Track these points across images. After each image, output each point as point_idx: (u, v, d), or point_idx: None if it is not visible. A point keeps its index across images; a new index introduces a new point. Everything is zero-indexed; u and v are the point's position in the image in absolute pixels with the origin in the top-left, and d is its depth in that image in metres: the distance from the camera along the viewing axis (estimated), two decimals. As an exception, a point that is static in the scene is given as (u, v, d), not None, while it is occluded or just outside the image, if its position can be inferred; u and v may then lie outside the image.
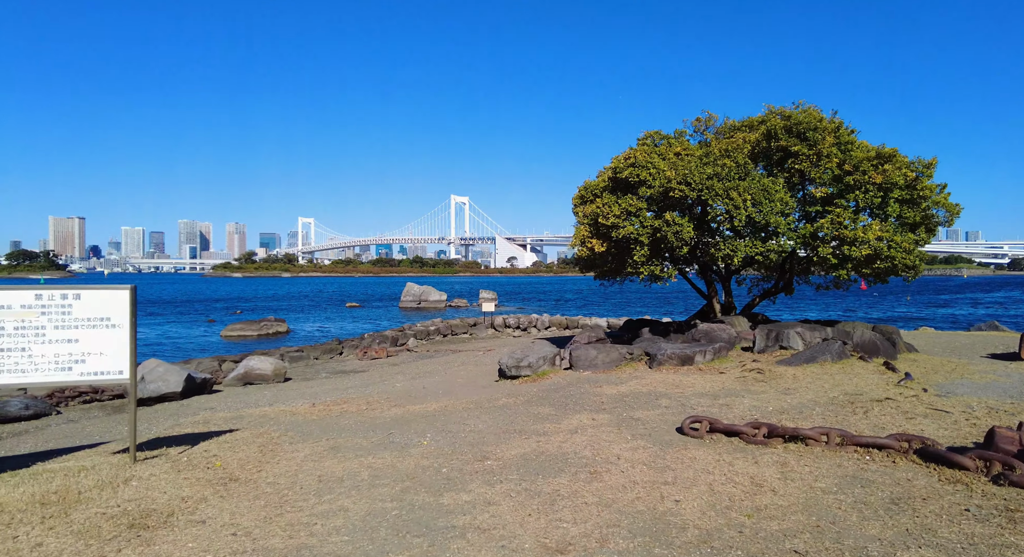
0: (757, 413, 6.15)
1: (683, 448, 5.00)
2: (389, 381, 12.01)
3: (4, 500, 3.84)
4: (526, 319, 25.60)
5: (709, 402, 6.79)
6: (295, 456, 5.38)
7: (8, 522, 3.53)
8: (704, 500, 3.82)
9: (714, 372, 8.79)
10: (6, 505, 3.75)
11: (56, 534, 3.40)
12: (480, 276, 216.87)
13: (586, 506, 3.85)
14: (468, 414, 6.93)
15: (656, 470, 4.47)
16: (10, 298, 4.42)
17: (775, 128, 11.11)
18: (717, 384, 7.83)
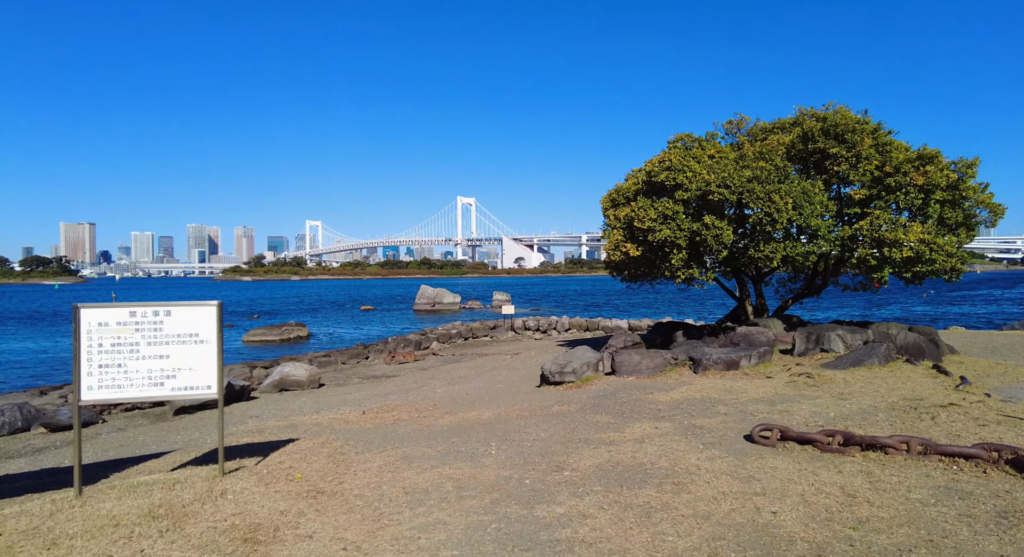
0: (820, 420, 6.17)
1: (760, 457, 5.03)
2: (426, 387, 12.08)
3: (117, 513, 3.92)
4: (546, 321, 25.63)
5: (767, 409, 6.81)
6: (369, 467, 5.44)
7: (128, 535, 3.61)
8: (801, 511, 3.86)
9: (761, 377, 8.81)
10: (121, 518, 3.83)
11: (179, 548, 3.48)
12: (488, 277, 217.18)
13: (684, 519, 3.89)
14: (525, 422, 6.97)
15: (741, 480, 4.50)
16: (108, 315, 4.51)
17: (811, 130, 11.12)
18: (769, 389, 7.85)
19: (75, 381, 4.53)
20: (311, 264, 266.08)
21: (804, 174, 11.56)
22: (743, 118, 13.08)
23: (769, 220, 10.24)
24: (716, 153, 11.76)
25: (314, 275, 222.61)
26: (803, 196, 10.30)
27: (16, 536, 3.64)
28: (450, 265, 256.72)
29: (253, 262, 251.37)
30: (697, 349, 9.74)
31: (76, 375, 4.51)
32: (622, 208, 11.85)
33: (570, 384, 9.26)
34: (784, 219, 10.10)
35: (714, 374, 9.07)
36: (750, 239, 11.17)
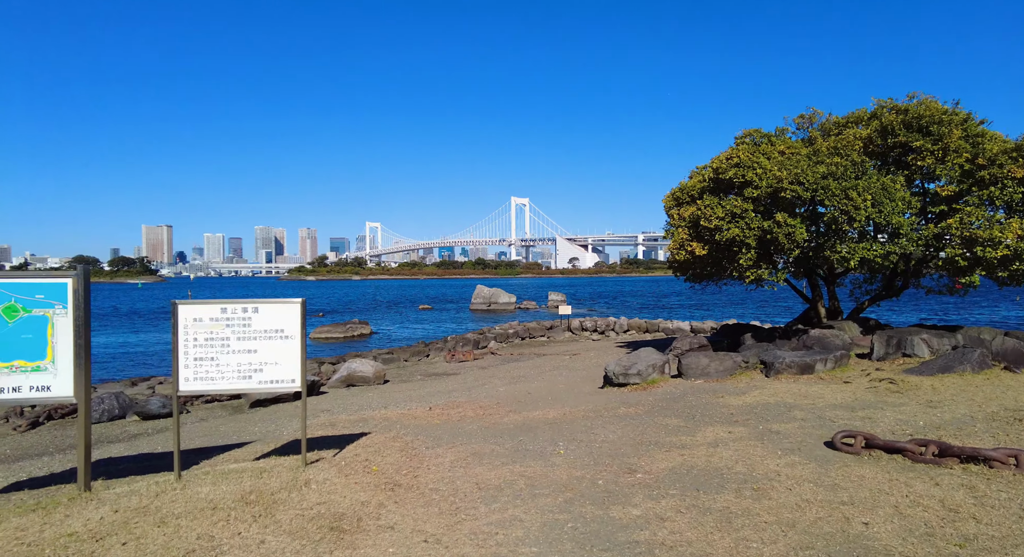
0: (908, 428, 5.83)
1: (844, 465, 4.81)
2: (488, 385, 12.21)
3: (214, 497, 4.17)
4: (603, 322, 25.37)
5: (847, 415, 6.50)
6: (441, 462, 5.55)
7: (226, 518, 3.84)
8: (897, 524, 3.66)
9: (837, 382, 8.42)
10: (218, 502, 4.08)
11: (272, 533, 3.66)
12: (541, 277, 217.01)
13: (767, 525, 3.77)
14: (592, 423, 6.93)
15: (826, 488, 4.32)
16: (202, 312, 4.80)
17: (892, 123, 10.53)
18: (847, 395, 7.48)
19: (174, 373, 4.84)
20: (371, 264, 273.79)
21: (883, 170, 10.95)
22: (815, 112, 12.53)
23: (846, 218, 9.77)
24: (787, 149, 11.32)
25: (374, 275, 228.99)
26: (883, 193, 9.77)
27: (129, 513, 3.93)
28: (504, 265, 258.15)
29: (316, 262, 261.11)
30: (768, 352, 9.40)
31: (175, 367, 4.83)
32: (687, 207, 11.59)
33: (635, 386, 9.13)
34: (862, 217, 9.61)
35: (787, 378, 8.73)
36: (824, 238, 10.68)
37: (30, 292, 4.52)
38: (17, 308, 4.44)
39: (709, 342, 12.35)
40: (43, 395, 4.60)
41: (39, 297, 4.54)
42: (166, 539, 3.59)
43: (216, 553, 3.42)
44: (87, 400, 4.66)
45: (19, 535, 3.63)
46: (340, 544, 3.58)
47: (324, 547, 3.53)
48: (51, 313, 4.54)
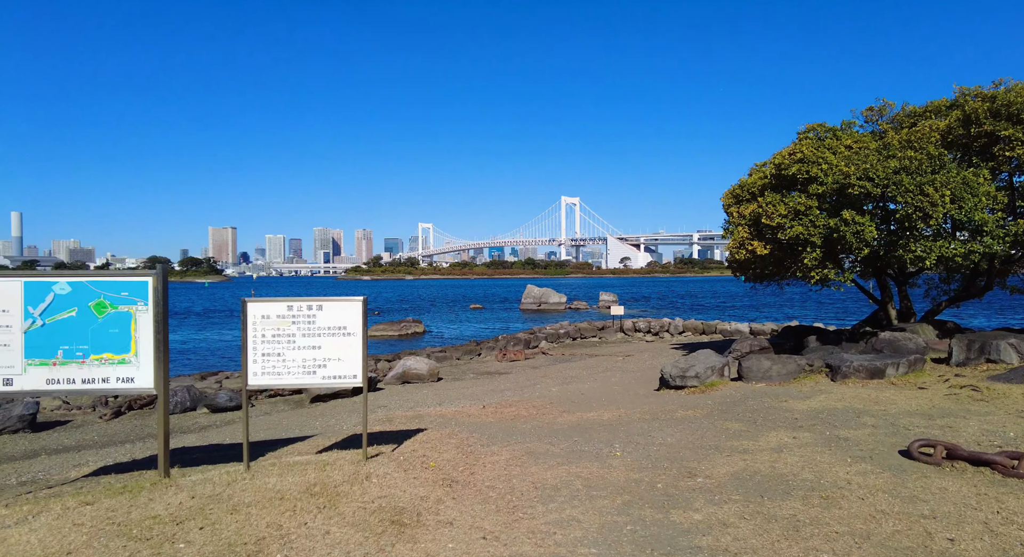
0: (995, 439, 5.44)
1: (923, 476, 4.53)
2: (540, 385, 12.20)
3: (280, 488, 4.34)
4: (657, 323, 24.90)
5: (924, 423, 6.13)
6: (497, 460, 5.57)
7: (293, 509, 3.99)
8: (988, 543, 3.42)
9: (911, 387, 7.95)
10: (285, 493, 4.24)
11: (336, 524, 3.78)
12: (592, 277, 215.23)
13: (838, 536, 3.60)
14: (648, 426, 6.81)
15: (903, 500, 4.08)
16: (269, 309, 5.01)
17: (976, 112, 9.85)
18: (924, 402, 7.06)
19: (243, 368, 5.07)
20: (423, 264, 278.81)
21: (965, 162, 10.27)
22: (886, 104, 11.88)
23: (920, 215, 9.21)
24: (854, 143, 10.78)
25: (426, 275, 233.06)
26: (964, 187, 9.15)
27: (205, 499, 4.14)
28: (554, 265, 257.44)
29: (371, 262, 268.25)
30: (834, 355, 8.98)
31: (244, 362, 5.05)
32: (747, 204, 11.22)
33: (693, 389, 8.91)
34: (939, 214, 9.04)
35: (855, 382, 8.32)
36: (896, 236, 10.11)
37: (116, 290, 4.83)
38: (106, 304, 4.75)
39: (770, 344, 11.92)
40: (127, 386, 4.90)
41: (124, 294, 4.84)
42: (239, 526, 3.76)
43: (284, 542, 3.55)
44: (166, 392, 4.94)
45: (110, 515, 3.88)
46: (401, 538, 3.65)
47: (386, 540, 3.61)
48: (134, 309, 4.84)
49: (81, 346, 4.79)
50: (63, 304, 4.77)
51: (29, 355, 4.70)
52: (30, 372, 4.71)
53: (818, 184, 9.96)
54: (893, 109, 11.89)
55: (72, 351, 4.77)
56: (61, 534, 3.61)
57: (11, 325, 4.67)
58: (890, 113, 12.04)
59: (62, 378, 4.77)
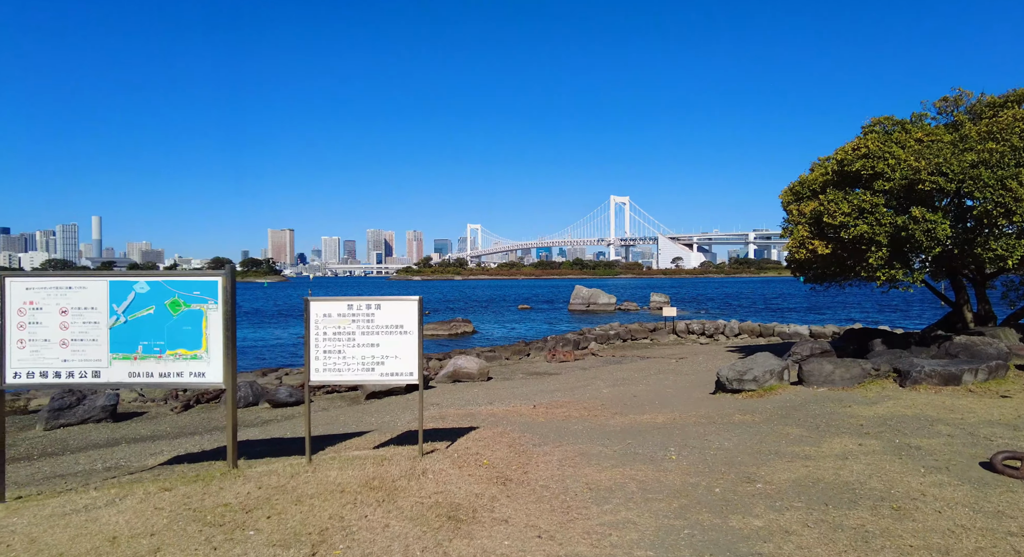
0: (1087, 452, 5.05)
1: (1008, 490, 4.26)
2: (591, 386, 12.12)
3: (341, 481, 4.50)
4: (712, 325, 24.29)
5: (1008, 434, 5.75)
6: (549, 460, 5.58)
7: (353, 501, 4.12)
8: (1080, 561, 3.19)
9: (992, 395, 7.48)
10: (345, 486, 4.39)
11: (395, 518, 3.88)
12: (642, 278, 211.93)
13: (913, 549, 3.43)
14: (704, 430, 6.67)
15: (986, 515, 3.85)
16: (331, 308, 5.19)
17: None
18: (1007, 411, 6.62)
19: (306, 364, 5.27)
20: (471, 265, 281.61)
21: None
22: (963, 93, 11.19)
23: (1002, 212, 8.64)
24: (925, 136, 10.21)
25: (474, 275, 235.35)
26: (1051, 181, 8.53)
27: (271, 490, 4.33)
28: (603, 265, 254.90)
29: (421, 263, 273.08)
30: (903, 360, 8.54)
31: (307, 359, 5.25)
32: (807, 202, 10.82)
33: (750, 393, 8.66)
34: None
35: (927, 389, 7.88)
36: (974, 234, 9.51)
37: (189, 289, 5.11)
38: (180, 303, 5.04)
39: (832, 348, 11.43)
40: (198, 380, 5.17)
41: (196, 293, 5.11)
42: (303, 516, 3.91)
43: (347, 533, 3.68)
44: (234, 386, 5.19)
45: (186, 501, 4.12)
46: (458, 533, 3.72)
47: (443, 535, 3.68)
48: (205, 308, 5.11)
49: (158, 342, 5.10)
50: (143, 302, 5.09)
51: (114, 349, 5.04)
52: (115, 365, 5.04)
53: (884, 180, 9.50)
54: (970, 99, 11.19)
55: (151, 346, 5.08)
56: (144, 517, 3.86)
57: (99, 321, 5.01)
58: (967, 103, 11.33)
59: (142, 372, 5.09)
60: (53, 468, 7.17)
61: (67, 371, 5.01)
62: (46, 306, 4.99)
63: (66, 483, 5.52)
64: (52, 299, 5.01)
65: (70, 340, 5.01)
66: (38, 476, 6.56)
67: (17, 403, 12.76)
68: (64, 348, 5.00)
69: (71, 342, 5.01)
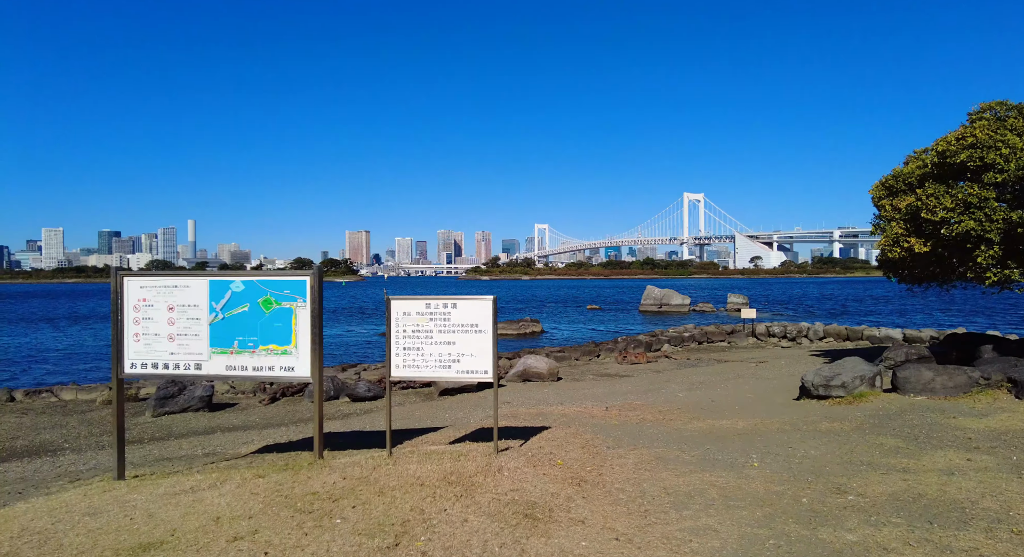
0: None
1: None
2: (665, 390, 11.84)
3: (420, 474, 4.64)
4: (794, 328, 23.09)
5: None
6: (624, 463, 5.50)
7: (433, 495, 4.24)
8: None
9: None
10: (424, 479, 4.53)
11: (473, 513, 3.96)
12: (718, 278, 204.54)
13: (1034, 577, 3.12)
14: (789, 437, 6.36)
15: (1122, 543, 3.45)
16: (410, 306, 5.36)
17: None
18: None
19: (387, 360, 5.46)
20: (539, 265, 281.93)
21: None
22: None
23: None
24: (1045, 122, 9.25)
25: (541, 275, 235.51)
26: None
27: (355, 481, 4.53)
28: (675, 265, 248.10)
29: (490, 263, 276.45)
30: (1019, 368, 7.78)
31: (388, 355, 5.44)
32: (903, 196, 10.07)
33: (838, 399, 8.17)
34: None
35: (1047, 401, 7.14)
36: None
37: (280, 288, 5.42)
38: (272, 301, 5.35)
39: (932, 353, 10.58)
40: (288, 374, 5.48)
41: (286, 292, 5.42)
42: (385, 507, 4.06)
43: (427, 525, 3.78)
44: (320, 381, 5.46)
45: (278, 488, 4.38)
46: (535, 531, 3.73)
47: (521, 532, 3.71)
48: (295, 306, 5.40)
49: (252, 337, 5.44)
50: (238, 300, 5.45)
51: (213, 344, 5.43)
52: (214, 359, 5.43)
53: (996, 172, 8.69)
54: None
55: (245, 342, 5.43)
56: (242, 500, 4.14)
57: (200, 318, 5.42)
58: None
59: (238, 365, 5.45)
60: (160, 452, 7.81)
61: (174, 363, 5.44)
62: (156, 303, 5.45)
63: (172, 466, 6.00)
64: (161, 297, 5.46)
65: (176, 335, 5.44)
66: (149, 458, 7.17)
67: (129, 392, 14.00)
68: (171, 342, 5.43)
69: (177, 336, 5.44)
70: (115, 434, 5.17)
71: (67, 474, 6.58)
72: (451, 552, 3.45)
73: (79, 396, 14.14)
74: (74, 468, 7.13)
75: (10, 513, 4.30)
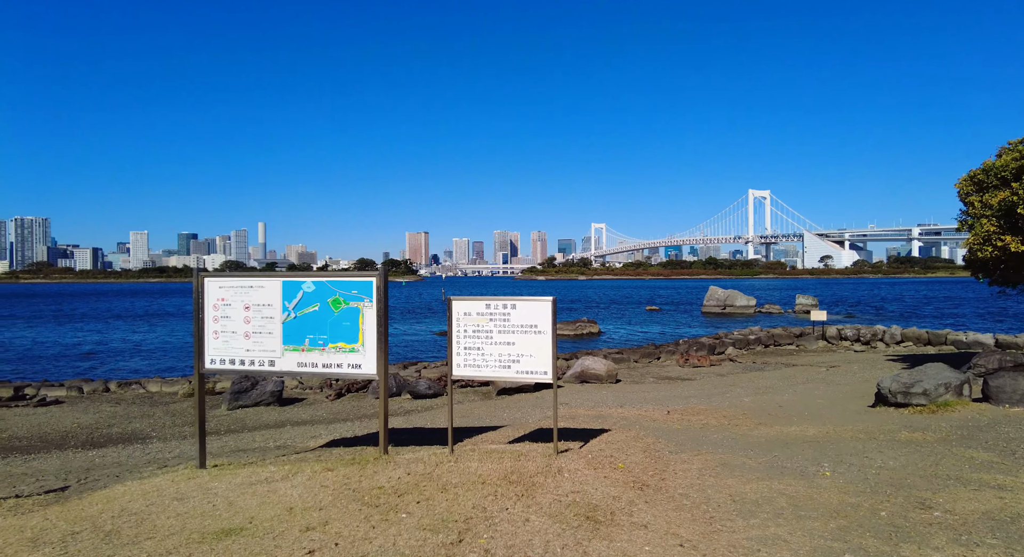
0: None
1: None
2: (730, 394, 11.48)
3: (481, 473, 4.70)
4: (868, 331, 21.87)
5: None
6: (688, 468, 5.38)
7: (494, 493, 4.29)
8: None
9: None
10: (486, 478, 4.59)
11: (535, 513, 3.98)
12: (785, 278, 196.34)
13: None
14: (864, 446, 6.03)
15: None
16: (470, 307, 5.45)
17: None
18: None
19: (448, 360, 5.56)
20: (595, 265, 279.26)
21: None
22: None
23: None
24: None
25: (598, 275, 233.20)
26: None
27: (418, 477, 4.64)
28: (739, 265, 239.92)
29: (546, 263, 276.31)
30: None
31: (449, 355, 5.54)
32: (994, 192, 9.36)
33: (919, 408, 7.68)
34: None
35: None
36: None
37: (348, 288, 5.62)
38: (341, 301, 5.56)
39: (1027, 360, 9.76)
40: (355, 371, 5.67)
41: (354, 292, 5.61)
42: (448, 504, 4.14)
43: (489, 523, 3.83)
44: (385, 378, 5.62)
45: (346, 481, 4.55)
46: (597, 534, 3.71)
47: (582, 534, 3.70)
48: (362, 305, 5.58)
49: (322, 336, 5.66)
50: (309, 300, 5.69)
51: (285, 342, 5.69)
52: (286, 356, 5.69)
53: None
54: None
55: (315, 340, 5.66)
56: (313, 492, 4.33)
57: (273, 317, 5.69)
58: None
59: (308, 362, 5.69)
60: (236, 443, 8.26)
61: (249, 359, 5.74)
62: (234, 302, 5.76)
63: (248, 457, 6.34)
64: (238, 296, 5.77)
65: (252, 333, 5.74)
66: (226, 449, 7.60)
67: (207, 386, 14.89)
68: (247, 339, 5.73)
69: (252, 334, 5.73)
70: (197, 426, 5.51)
71: (155, 460, 7.08)
72: (513, 551, 3.48)
73: (163, 389, 15.16)
74: (161, 456, 7.66)
75: (111, 494, 4.67)
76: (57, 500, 4.77)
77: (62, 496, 4.94)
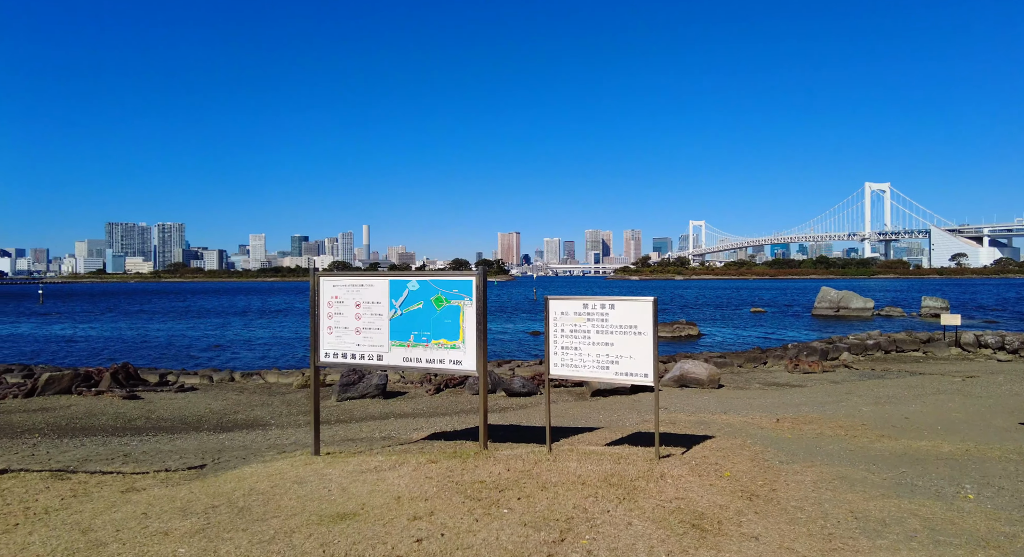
0: None
1: None
2: (846, 402, 10.62)
3: (581, 473, 4.68)
4: (1016, 338, 19.38)
5: None
6: (801, 479, 5.03)
7: (595, 495, 4.26)
8: None
9: None
10: (585, 479, 4.56)
11: (637, 517, 3.90)
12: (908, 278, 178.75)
13: None
14: (1016, 468, 5.38)
15: None
16: (567, 306, 5.43)
17: None
18: None
19: (546, 359, 5.58)
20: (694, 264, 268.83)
21: None
22: None
23: None
24: None
25: (697, 275, 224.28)
26: None
27: (518, 473, 4.70)
28: (854, 264, 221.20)
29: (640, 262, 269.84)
30: None
31: (547, 354, 5.56)
32: None
33: (1084, 426, 6.69)
34: None
35: None
36: None
37: (449, 287, 5.80)
38: (443, 299, 5.75)
39: None
40: (455, 367, 5.83)
41: (455, 291, 5.78)
42: (549, 502, 4.15)
43: (591, 525, 3.79)
44: (484, 374, 5.73)
45: (449, 474, 4.70)
46: (703, 543, 3.57)
47: (688, 542, 3.57)
48: (462, 304, 5.74)
49: (425, 332, 5.89)
50: (414, 298, 5.93)
51: (392, 337, 5.97)
52: (393, 351, 5.97)
53: None
54: None
55: (420, 336, 5.89)
56: (418, 483, 4.51)
57: (381, 314, 5.99)
58: None
59: (413, 357, 5.93)
60: (344, 433, 8.78)
61: (360, 353, 6.08)
62: (346, 300, 6.13)
63: (356, 446, 6.72)
64: (350, 294, 6.13)
65: (362, 328, 6.07)
66: (336, 438, 8.11)
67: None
68: (358, 335, 6.08)
69: (363, 330, 6.06)
70: (311, 415, 5.92)
71: (275, 446, 7.69)
72: (616, 553, 3.42)
73: (280, 380, 16.45)
74: (279, 442, 8.31)
75: (241, 474, 5.14)
76: (197, 476, 5.31)
77: (200, 473, 5.49)
